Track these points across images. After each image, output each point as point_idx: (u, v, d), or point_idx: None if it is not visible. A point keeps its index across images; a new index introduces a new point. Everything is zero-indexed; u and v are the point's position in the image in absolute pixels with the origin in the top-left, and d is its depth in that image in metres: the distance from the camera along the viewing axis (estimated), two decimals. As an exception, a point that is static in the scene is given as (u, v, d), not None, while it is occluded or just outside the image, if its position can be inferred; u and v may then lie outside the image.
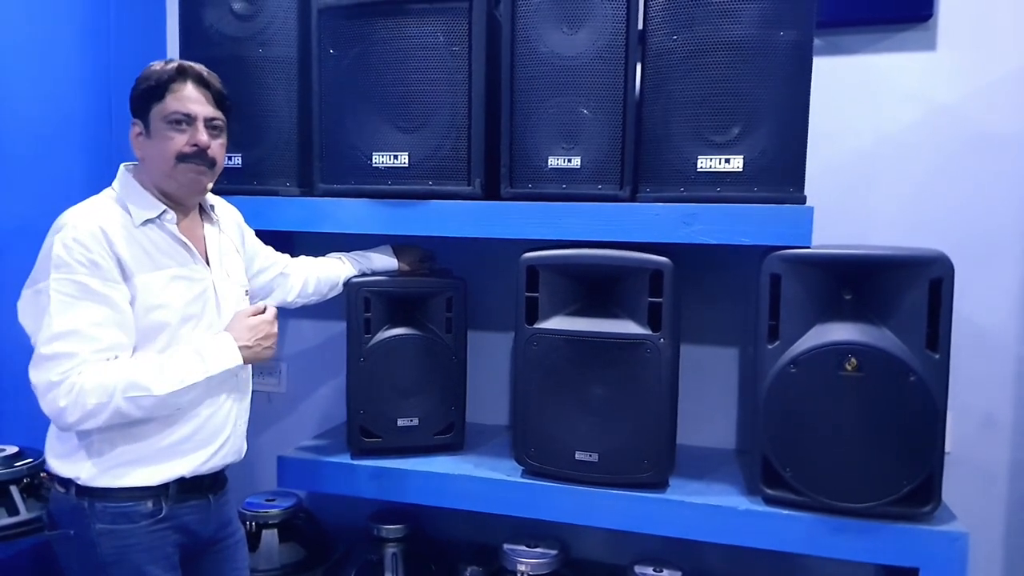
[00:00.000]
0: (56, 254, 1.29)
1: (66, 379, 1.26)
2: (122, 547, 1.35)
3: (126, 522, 1.35)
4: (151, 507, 1.37)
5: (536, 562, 1.89)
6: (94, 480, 1.35)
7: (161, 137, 1.38)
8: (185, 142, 1.38)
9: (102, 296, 1.30)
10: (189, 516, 1.43)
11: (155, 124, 1.39)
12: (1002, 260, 1.90)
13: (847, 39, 1.95)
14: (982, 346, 1.91)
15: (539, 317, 1.76)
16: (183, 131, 1.38)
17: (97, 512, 1.35)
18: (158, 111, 1.38)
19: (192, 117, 1.39)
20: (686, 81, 1.66)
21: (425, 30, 1.78)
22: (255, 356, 1.47)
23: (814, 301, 1.61)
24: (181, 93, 1.38)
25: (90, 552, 1.35)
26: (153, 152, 1.40)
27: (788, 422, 1.61)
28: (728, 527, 1.67)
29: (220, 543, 1.53)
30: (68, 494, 1.37)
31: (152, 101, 1.38)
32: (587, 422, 1.73)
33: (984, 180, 1.90)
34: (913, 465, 1.55)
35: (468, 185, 1.80)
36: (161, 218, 1.41)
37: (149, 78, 1.40)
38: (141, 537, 1.36)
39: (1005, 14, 1.86)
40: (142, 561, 1.36)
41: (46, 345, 1.28)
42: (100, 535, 1.34)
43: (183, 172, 1.40)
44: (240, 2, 1.97)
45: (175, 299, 1.39)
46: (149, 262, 1.37)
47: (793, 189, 1.64)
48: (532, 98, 1.75)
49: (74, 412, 1.27)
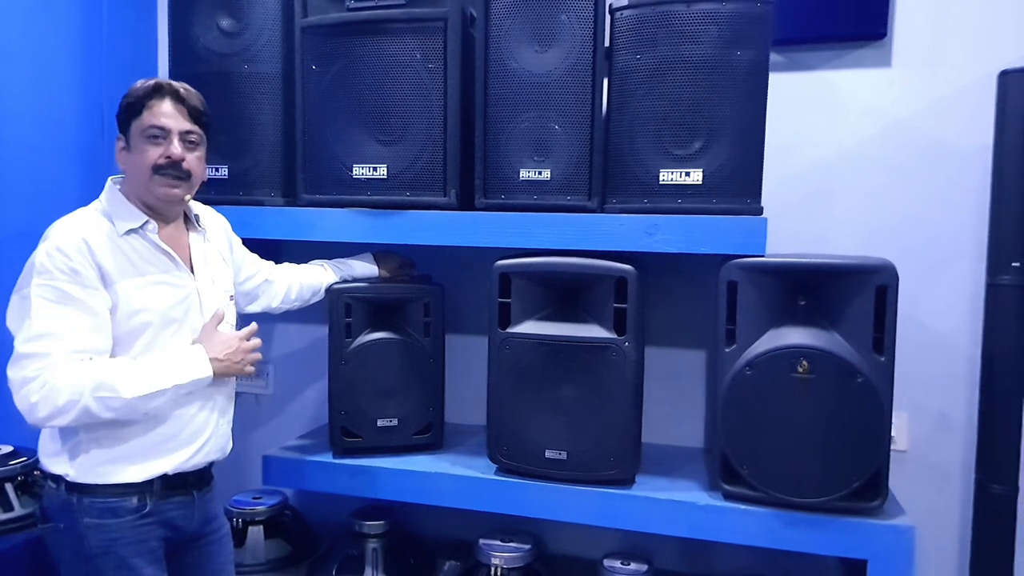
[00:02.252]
0: (39, 262, 1.38)
1: (39, 376, 1.33)
2: (108, 540, 1.42)
3: (112, 517, 1.43)
4: (136, 503, 1.45)
5: (510, 556, 1.98)
6: (82, 477, 1.43)
7: (139, 150, 1.47)
8: (160, 154, 1.46)
9: (80, 302, 1.38)
10: (173, 511, 1.51)
11: (134, 138, 1.48)
12: (955, 267, 1.99)
13: (806, 56, 2.04)
14: (937, 349, 2.00)
15: (511, 322, 1.84)
16: (158, 144, 1.46)
17: (85, 507, 1.42)
18: (136, 126, 1.47)
19: (167, 131, 1.47)
20: (650, 98, 1.75)
21: (403, 48, 1.87)
22: (226, 370, 1.52)
23: (769, 306, 1.70)
24: (157, 109, 1.46)
25: (78, 545, 1.42)
26: (132, 165, 1.49)
27: (745, 421, 1.69)
28: (689, 521, 1.75)
29: (204, 538, 1.60)
30: (59, 490, 1.44)
31: (132, 117, 1.47)
32: (557, 422, 1.81)
33: (937, 191, 1.98)
34: (862, 462, 1.64)
35: (444, 196, 1.88)
36: (143, 228, 1.48)
37: (130, 95, 1.48)
38: (126, 531, 1.44)
39: (956, 33, 1.95)
40: (127, 554, 1.43)
41: (23, 344, 1.36)
42: (88, 529, 1.42)
43: (158, 183, 1.47)
44: (227, 20, 2.05)
45: (156, 303, 1.46)
46: (132, 269, 1.45)
47: (750, 201, 1.73)
48: (504, 113, 1.83)
49: (44, 407, 1.34)
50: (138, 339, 1.44)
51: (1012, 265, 1.78)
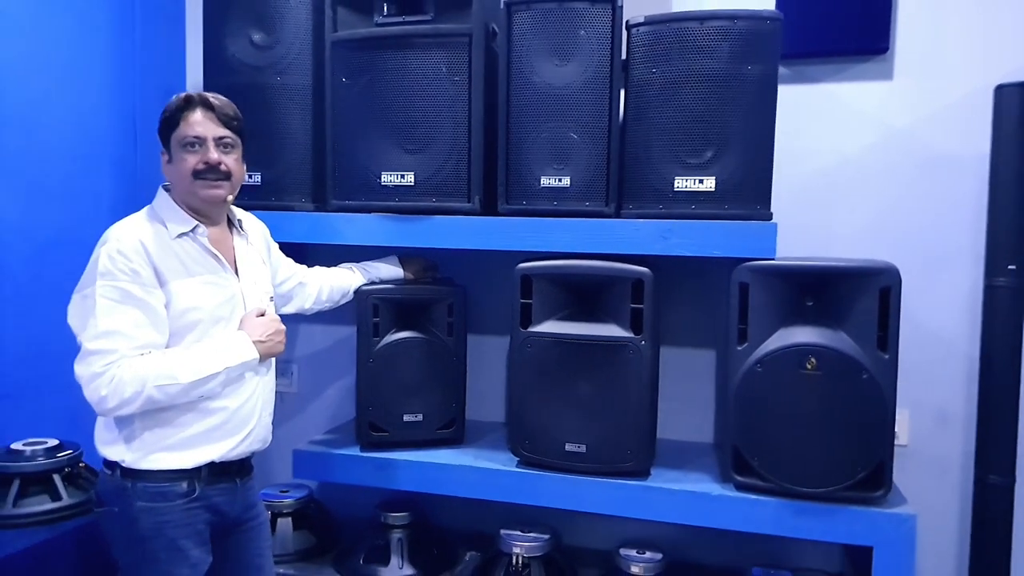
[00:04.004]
0: (102, 264, 1.48)
1: (107, 371, 1.45)
2: (159, 523, 1.52)
3: (163, 500, 1.52)
4: (185, 488, 1.54)
5: (530, 545, 2.07)
6: (136, 463, 1.52)
7: (179, 160, 1.58)
8: (198, 160, 1.57)
9: (141, 301, 1.49)
10: (218, 497, 1.60)
11: (174, 149, 1.59)
12: (954, 270, 2.08)
13: (812, 69, 2.14)
14: (936, 348, 2.09)
15: (532, 322, 1.93)
16: (195, 152, 1.57)
17: (138, 491, 1.52)
18: (175, 138, 1.58)
19: (202, 138, 1.57)
20: (664, 109, 1.84)
21: (429, 61, 1.96)
22: (268, 351, 1.63)
23: (778, 307, 1.79)
24: (191, 119, 1.57)
25: (131, 527, 1.52)
26: (175, 174, 1.60)
27: (755, 416, 1.79)
28: (702, 511, 1.84)
29: (246, 524, 1.70)
30: (113, 476, 1.54)
31: (170, 130, 1.59)
32: (576, 416, 1.90)
33: (936, 198, 2.08)
34: (866, 453, 1.73)
35: (468, 202, 1.98)
36: (194, 232, 1.59)
37: (166, 111, 1.60)
38: (176, 514, 1.53)
39: (955, 48, 2.05)
40: (176, 535, 1.53)
41: (91, 341, 1.46)
42: (140, 512, 1.51)
43: (200, 187, 1.58)
44: (259, 34, 2.14)
45: (206, 302, 1.57)
46: (184, 270, 1.55)
47: (760, 207, 1.83)
48: (526, 123, 1.93)
49: (113, 400, 1.45)
50: (188, 334, 1.55)
51: (1008, 268, 1.87)
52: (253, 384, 1.64)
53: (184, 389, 1.49)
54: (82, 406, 2.30)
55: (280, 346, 1.66)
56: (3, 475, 1.81)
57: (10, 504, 1.77)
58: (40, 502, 1.81)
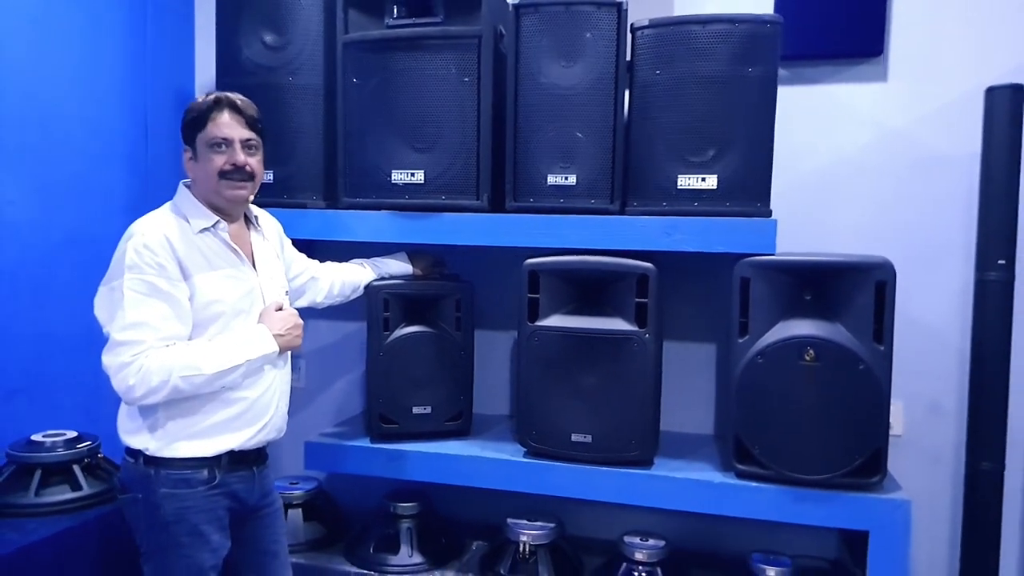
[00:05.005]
0: (129, 257, 1.53)
1: (135, 361, 1.49)
2: (182, 508, 1.57)
3: (185, 487, 1.58)
4: (206, 475, 1.60)
5: (537, 533, 2.12)
6: (159, 451, 1.57)
7: (206, 159, 1.63)
8: (225, 161, 1.62)
9: (166, 294, 1.54)
10: (237, 484, 1.65)
11: (200, 149, 1.64)
12: (947, 267, 2.15)
13: (810, 71, 2.20)
14: (929, 341, 2.16)
15: (539, 316, 1.99)
16: (223, 152, 1.62)
17: (161, 478, 1.57)
18: (201, 138, 1.63)
19: (229, 140, 1.62)
20: (668, 110, 1.90)
21: (439, 62, 2.02)
22: (287, 344, 1.68)
23: (778, 301, 1.86)
24: (219, 120, 1.62)
25: (155, 512, 1.57)
26: (200, 173, 1.65)
27: (756, 405, 1.85)
28: (705, 498, 1.91)
29: (262, 510, 1.75)
30: (137, 463, 1.59)
31: (196, 130, 1.63)
32: (582, 408, 1.96)
33: (930, 196, 2.15)
34: (863, 441, 1.80)
35: (477, 199, 2.03)
36: (215, 227, 1.64)
37: (193, 110, 1.63)
38: (197, 500, 1.58)
39: (947, 51, 2.12)
40: (198, 521, 1.58)
41: (119, 332, 1.51)
42: (163, 498, 1.56)
43: (225, 187, 1.64)
44: (271, 35, 2.19)
45: (228, 295, 1.62)
46: (206, 264, 1.60)
47: (760, 204, 1.89)
48: (533, 123, 1.99)
49: (140, 389, 1.50)
50: (211, 326, 1.60)
51: (998, 262, 1.94)
52: (271, 376, 1.69)
53: (208, 380, 1.54)
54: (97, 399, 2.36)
55: (298, 340, 1.71)
56: (25, 466, 1.85)
57: (32, 494, 1.82)
58: (61, 492, 1.86)
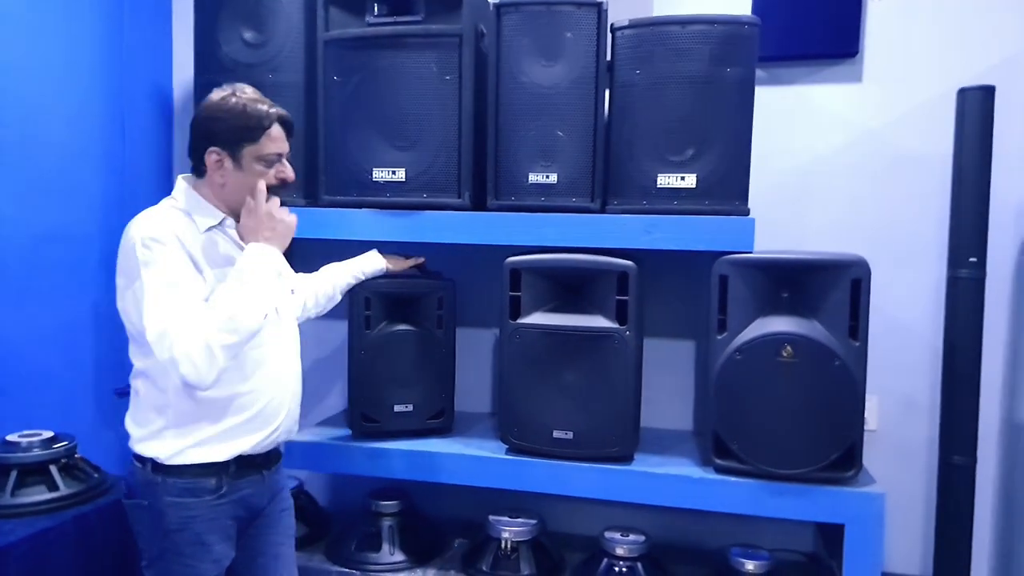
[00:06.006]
0: (141, 254, 1.45)
1: (173, 355, 1.40)
2: (187, 518, 1.53)
3: (191, 496, 1.54)
4: (213, 484, 1.55)
5: (518, 530, 2.14)
6: (169, 459, 1.53)
7: (253, 172, 1.55)
8: (273, 176, 1.58)
9: (186, 281, 1.47)
10: (246, 489, 1.61)
11: (247, 160, 1.55)
12: (921, 264, 2.20)
13: (786, 71, 2.24)
14: (904, 338, 2.21)
15: (521, 313, 2.00)
16: (270, 167, 1.58)
17: (168, 486, 1.53)
18: (252, 150, 1.54)
19: (280, 156, 1.60)
20: (647, 109, 1.92)
21: (420, 61, 2.02)
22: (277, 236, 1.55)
23: (756, 298, 1.88)
24: (273, 135, 1.56)
25: (159, 520, 1.54)
26: (240, 182, 1.56)
27: (735, 401, 1.87)
28: (684, 493, 1.93)
29: (269, 512, 1.70)
30: (144, 469, 1.55)
31: (246, 140, 1.53)
32: (563, 404, 1.98)
33: (904, 195, 2.20)
34: (838, 436, 1.83)
35: (458, 197, 2.04)
36: (222, 225, 1.59)
37: (242, 118, 1.53)
38: (203, 510, 1.54)
39: (920, 53, 2.16)
40: (203, 530, 1.55)
41: (152, 330, 1.43)
42: (168, 506, 1.53)
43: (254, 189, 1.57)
44: (250, 32, 2.18)
45: None
46: (215, 261, 1.55)
47: (739, 203, 1.92)
48: (514, 122, 1.99)
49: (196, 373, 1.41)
50: None
51: (970, 260, 1.98)
52: (281, 375, 1.64)
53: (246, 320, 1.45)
54: (74, 398, 2.34)
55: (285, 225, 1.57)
56: (1, 466, 1.83)
57: (8, 494, 1.79)
58: (38, 492, 1.83)
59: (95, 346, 2.37)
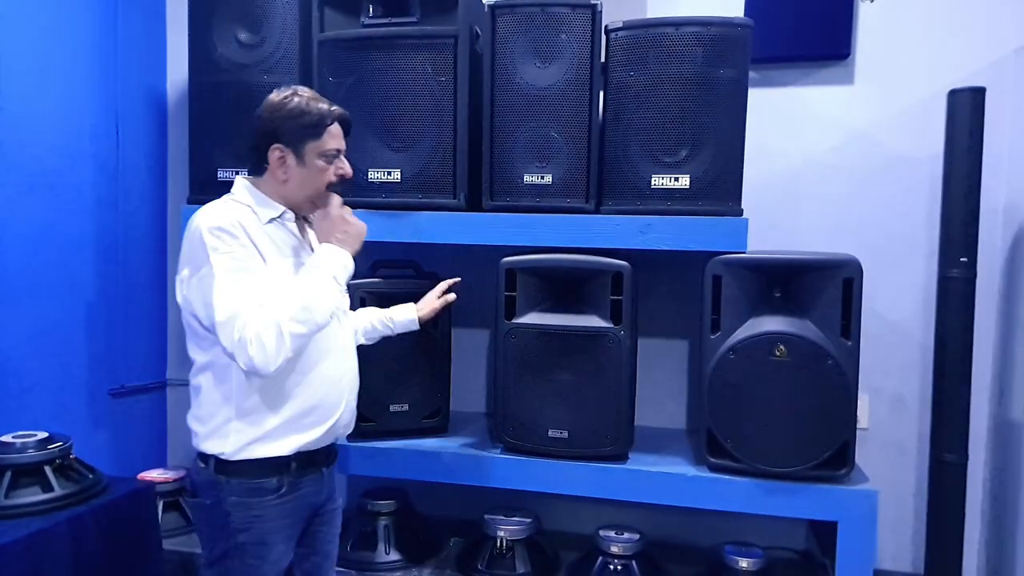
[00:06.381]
0: (209, 241, 1.46)
1: (243, 336, 1.42)
2: (251, 517, 1.53)
3: (255, 496, 1.53)
4: (275, 483, 1.54)
5: (514, 528, 2.15)
6: (233, 455, 1.52)
7: (315, 168, 1.58)
8: (333, 172, 1.61)
9: (253, 267, 1.49)
10: (307, 487, 1.61)
11: (309, 156, 1.58)
12: (910, 264, 2.22)
13: (778, 73, 2.26)
14: (894, 337, 2.23)
15: (516, 313, 2.01)
16: (331, 164, 1.61)
17: (232, 486, 1.52)
18: (314, 146, 1.57)
19: (340, 152, 1.63)
20: (641, 110, 1.94)
21: (415, 62, 2.03)
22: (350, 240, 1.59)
23: (749, 298, 1.90)
24: (333, 132, 1.60)
25: (223, 520, 1.53)
26: (302, 178, 1.59)
27: (728, 400, 1.89)
28: (679, 491, 1.94)
29: (326, 511, 1.71)
30: (207, 468, 1.55)
31: (308, 137, 1.56)
32: (558, 404, 1.99)
33: (895, 195, 2.22)
34: (831, 434, 1.85)
35: (453, 198, 2.05)
36: (283, 217, 1.61)
37: (305, 116, 1.56)
38: (267, 510, 1.54)
39: (911, 56, 2.18)
40: (266, 531, 1.54)
41: (221, 314, 1.44)
42: (233, 506, 1.52)
43: (326, 197, 1.62)
44: (245, 33, 2.19)
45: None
46: (279, 252, 1.57)
47: (732, 203, 1.93)
48: (509, 123, 2.01)
49: (263, 356, 1.42)
50: None
51: (960, 260, 2.00)
52: (341, 370, 1.65)
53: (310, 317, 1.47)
54: (68, 399, 2.33)
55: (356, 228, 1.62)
56: (-5, 467, 1.82)
57: (2, 495, 1.78)
58: (32, 493, 1.82)
59: (89, 347, 2.37)
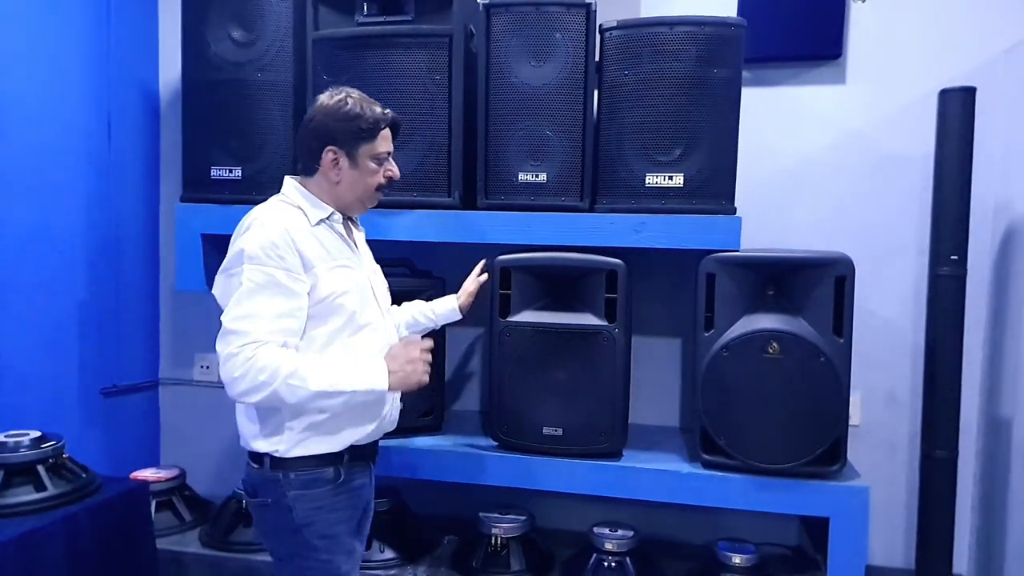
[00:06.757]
0: (251, 248, 1.47)
1: (241, 352, 1.42)
2: (312, 509, 1.53)
3: (313, 487, 1.53)
4: (332, 473, 1.55)
5: (509, 526, 2.15)
6: (288, 452, 1.52)
7: (367, 170, 1.60)
8: (383, 174, 1.63)
9: (285, 287, 1.48)
10: (358, 480, 1.62)
11: (362, 159, 1.59)
12: (902, 262, 2.24)
13: (771, 73, 2.27)
14: (886, 335, 2.25)
15: (511, 312, 2.01)
16: (381, 166, 1.62)
17: (290, 481, 1.52)
18: (367, 149, 1.59)
19: (389, 155, 1.64)
20: (636, 109, 1.95)
21: (410, 61, 2.03)
22: (402, 381, 1.54)
23: (743, 295, 1.91)
24: (384, 135, 1.61)
25: (286, 517, 1.53)
26: (354, 179, 1.60)
27: (722, 397, 1.90)
28: (673, 488, 1.95)
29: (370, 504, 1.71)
30: (262, 468, 1.54)
31: (363, 140, 1.58)
32: (552, 401, 2.00)
33: (886, 194, 2.23)
34: (824, 431, 1.86)
35: (448, 196, 2.05)
36: (331, 219, 1.61)
37: (361, 119, 1.57)
38: (327, 500, 1.55)
39: (903, 56, 2.20)
40: (331, 522, 1.55)
41: (231, 321, 1.45)
42: (295, 500, 1.52)
43: (375, 197, 1.65)
44: (239, 31, 2.18)
45: (348, 285, 1.57)
46: (325, 254, 1.56)
47: (725, 202, 1.94)
48: (504, 121, 2.01)
49: (244, 382, 1.42)
50: (332, 317, 1.54)
51: (951, 258, 2.02)
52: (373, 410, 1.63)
53: (311, 396, 1.45)
54: (61, 398, 2.32)
55: (417, 376, 1.55)
56: (-12, 466, 1.82)
57: (-5, 494, 1.78)
58: (25, 492, 1.81)
59: (81, 346, 2.36)
